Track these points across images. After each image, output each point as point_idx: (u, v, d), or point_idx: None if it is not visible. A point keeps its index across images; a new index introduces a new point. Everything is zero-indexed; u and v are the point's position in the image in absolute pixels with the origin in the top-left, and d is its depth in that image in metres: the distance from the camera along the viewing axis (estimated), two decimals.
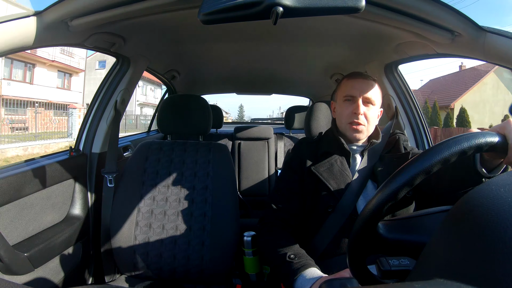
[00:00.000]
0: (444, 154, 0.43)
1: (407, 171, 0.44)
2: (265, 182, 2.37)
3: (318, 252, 0.92)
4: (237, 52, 1.58)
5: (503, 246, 0.26)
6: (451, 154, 0.43)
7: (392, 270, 0.47)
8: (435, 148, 0.44)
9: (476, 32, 0.86)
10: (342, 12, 0.65)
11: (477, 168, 0.61)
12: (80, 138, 1.40)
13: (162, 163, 1.25)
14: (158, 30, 1.18)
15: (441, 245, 0.34)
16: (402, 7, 0.85)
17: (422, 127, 1.47)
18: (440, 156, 0.43)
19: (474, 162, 0.62)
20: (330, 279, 0.58)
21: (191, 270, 1.13)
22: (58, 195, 1.20)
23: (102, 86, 1.40)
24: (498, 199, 0.31)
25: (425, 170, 0.43)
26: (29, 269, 0.99)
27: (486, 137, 0.46)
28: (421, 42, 1.05)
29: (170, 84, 2.23)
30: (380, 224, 0.48)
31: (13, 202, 0.98)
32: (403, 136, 1.04)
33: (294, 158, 1.04)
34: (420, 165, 0.44)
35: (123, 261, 1.16)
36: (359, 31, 1.15)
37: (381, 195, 0.45)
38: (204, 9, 0.66)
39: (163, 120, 1.32)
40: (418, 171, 0.43)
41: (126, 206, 1.19)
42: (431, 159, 0.43)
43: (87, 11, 0.86)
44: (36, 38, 0.82)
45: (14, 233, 0.99)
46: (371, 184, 0.95)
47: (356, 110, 0.95)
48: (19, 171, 1.02)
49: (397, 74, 1.46)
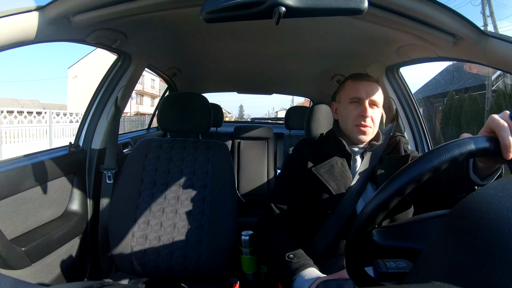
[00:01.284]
0: (433, 163, 0.43)
1: (397, 181, 0.44)
2: (264, 182, 2.37)
3: (317, 253, 0.92)
4: (239, 51, 1.58)
5: (500, 251, 0.26)
6: (441, 163, 0.43)
7: (389, 272, 0.47)
8: (425, 157, 0.44)
9: (478, 36, 0.86)
10: (344, 14, 0.65)
11: (469, 175, 0.62)
12: (79, 134, 1.40)
13: (162, 160, 1.25)
14: (160, 28, 1.18)
15: (438, 248, 0.34)
16: (404, 9, 0.85)
17: (422, 130, 1.47)
18: (430, 165, 0.43)
19: (467, 169, 0.62)
20: (327, 280, 0.58)
21: (188, 268, 1.13)
22: (56, 190, 1.20)
23: (103, 82, 1.40)
24: (496, 204, 0.31)
25: (415, 179, 0.43)
26: (26, 264, 0.99)
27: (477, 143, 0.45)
28: (423, 45, 1.05)
29: (171, 82, 2.23)
30: (374, 231, 0.48)
31: (11, 197, 0.98)
32: (403, 138, 1.04)
33: (295, 159, 1.04)
34: (409, 174, 0.44)
35: (120, 257, 1.16)
36: (361, 33, 1.15)
37: (372, 205, 0.46)
38: (207, 8, 0.65)
39: (163, 118, 1.32)
40: (408, 181, 0.43)
41: (124, 203, 1.19)
42: (420, 168, 0.43)
43: (90, 6, 0.86)
44: (38, 33, 0.82)
45: (12, 227, 0.99)
46: (371, 186, 0.95)
47: (364, 113, 0.94)
48: (18, 166, 1.02)
49: (398, 77, 1.46)
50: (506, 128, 0.47)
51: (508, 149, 0.46)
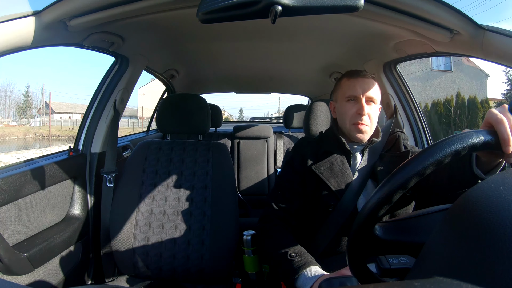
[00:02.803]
0: (437, 156, 0.43)
1: (400, 175, 0.44)
2: (265, 181, 2.37)
3: (319, 250, 0.92)
4: (236, 51, 1.58)
5: (502, 245, 0.26)
6: (444, 156, 0.42)
7: (392, 268, 0.47)
8: (428, 150, 0.44)
9: (475, 30, 0.86)
10: (340, 11, 0.65)
11: (473, 169, 0.61)
12: (79, 138, 1.40)
13: (161, 162, 1.25)
14: (157, 30, 1.17)
15: (440, 243, 0.34)
16: (400, 5, 0.85)
17: (421, 126, 1.47)
18: (433, 159, 0.43)
19: (470, 164, 0.62)
20: (330, 278, 0.59)
21: (191, 269, 1.13)
22: (57, 195, 1.20)
23: (101, 85, 1.40)
24: (497, 198, 0.31)
25: (419, 172, 0.43)
26: (29, 270, 0.99)
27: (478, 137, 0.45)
28: (420, 41, 1.05)
29: (169, 84, 2.23)
30: (377, 226, 0.48)
31: (12, 202, 0.98)
32: (403, 134, 1.04)
33: (295, 157, 1.04)
34: (413, 168, 0.43)
35: (123, 261, 1.16)
36: (358, 30, 1.15)
37: (375, 199, 0.45)
38: (203, 8, 0.65)
39: (162, 120, 1.32)
40: (411, 174, 0.43)
41: (125, 205, 1.19)
42: (424, 162, 0.43)
43: (86, 10, 0.86)
44: (34, 38, 0.81)
45: (14, 233, 0.99)
46: (371, 183, 0.95)
47: (361, 111, 0.94)
48: (19, 171, 1.01)
49: (396, 73, 1.46)
50: (504, 121, 0.47)
51: (507, 142, 0.46)
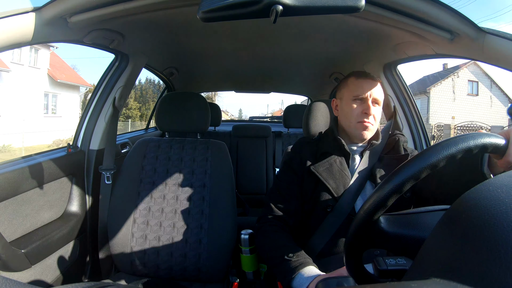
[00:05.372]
0: (451, 150, 0.43)
1: (414, 164, 0.43)
2: (263, 181, 2.37)
3: (316, 251, 0.92)
4: (236, 49, 1.58)
5: (500, 247, 0.26)
6: (458, 151, 0.43)
7: (389, 269, 0.47)
8: (443, 144, 0.44)
9: (476, 33, 0.86)
10: (341, 12, 0.65)
11: (483, 170, 0.61)
12: (78, 135, 1.39)
13: (160, 160, 1.25)
14: (158, 28, 1.17)
15: (438, 244, 0.34)
16: (401, 7, 0.85)
17: (420, 127, 1.47)
18: (448, 152, 0.43)
19: (482, 164, 0.62)
20: (326, 278, 0.58)
21: (188, 268, 1.13)
22: (55, 192, 1.19)
23: (100, 83, 1.40)
24: (495, 200, 0.31)
25: (432, 164, 0.43)
26: (26, 266, 0.99)
27: (492, 138, 0.45)
28: (420, 42, 1.05)
29: (169, 81, 2.23)
30: (382, 218, 0.48)
31: (10, 199, 0.98)
32: (402, 137, 1.04)
33: (294, 158, 1.04)
34: (428, 159, 0.43)
35: (120, 258, 1.15)
36: (358, 31, 1.15)
37: (387, 185, 0.44)
38: (204, 7, 0.65)
39: (161, 118, 1.32)
40: (425, 165, 0.43)
41: (123, 203, 1.19)
42: (439, 154, 0.43)
43: (87, 7, 0.85)
44: (35, 34, 0.81)
45: (11, 229, 0.99)
46: (370, 185, 0.95)
47: (367, 111, 0.96)
48: (17, 168, 1.01)
49: (396, 74, 1.46)
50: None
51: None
